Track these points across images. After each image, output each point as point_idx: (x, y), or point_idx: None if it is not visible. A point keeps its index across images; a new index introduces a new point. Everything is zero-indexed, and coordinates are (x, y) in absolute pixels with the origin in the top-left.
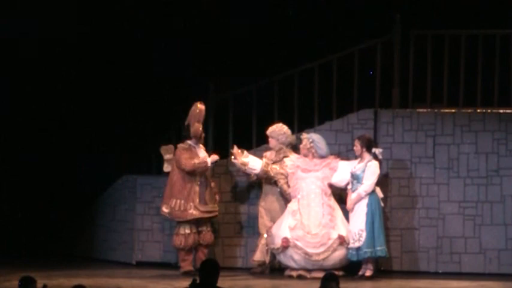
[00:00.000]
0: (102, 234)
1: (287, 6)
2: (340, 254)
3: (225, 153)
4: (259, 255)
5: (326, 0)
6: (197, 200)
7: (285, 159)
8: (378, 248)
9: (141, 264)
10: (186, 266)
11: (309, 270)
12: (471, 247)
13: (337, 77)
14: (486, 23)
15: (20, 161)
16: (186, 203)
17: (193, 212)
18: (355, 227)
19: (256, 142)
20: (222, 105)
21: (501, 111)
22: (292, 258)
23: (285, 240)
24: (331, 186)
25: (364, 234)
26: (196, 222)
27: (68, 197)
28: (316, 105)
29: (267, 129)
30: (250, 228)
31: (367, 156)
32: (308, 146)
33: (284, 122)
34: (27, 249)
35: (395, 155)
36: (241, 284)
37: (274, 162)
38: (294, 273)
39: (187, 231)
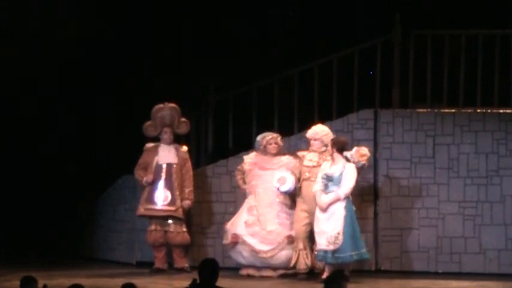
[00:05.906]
0: (102, 234)
1: (287, 6)
2: (288, 253)
3: (225, 153)
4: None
5: (326, 0)
6: (145, 198)
7: (244, 156)
8: (363, 251)
9: (141, 264)
10: (156, 263)
11: (258, 268)
12: (471, 247)
13: (337, 77)
14: (486, 23)
15: (20, 160)
16: (140, 200)
17: (141, 210)
18: (332, 230)
19: None
20: (222, 105)
21: (501, 111)
22: (241, 255)
23: (235, 236)
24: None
25: (340, 237)
26: (162, 221)
27: (68, 196)
28: (316, 105)
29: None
30: None
31: (339, 158)
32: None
33: (284, 122)
34: (28, 249)
35: (395, 155)
36: (240, 284)
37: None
38: (244, 272)
39: (152, 228)
